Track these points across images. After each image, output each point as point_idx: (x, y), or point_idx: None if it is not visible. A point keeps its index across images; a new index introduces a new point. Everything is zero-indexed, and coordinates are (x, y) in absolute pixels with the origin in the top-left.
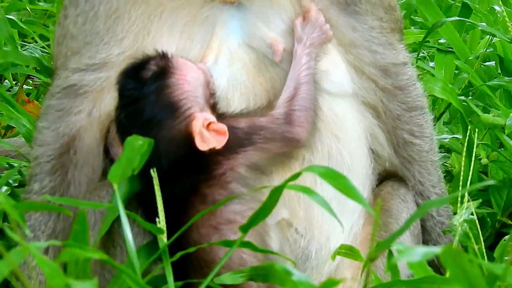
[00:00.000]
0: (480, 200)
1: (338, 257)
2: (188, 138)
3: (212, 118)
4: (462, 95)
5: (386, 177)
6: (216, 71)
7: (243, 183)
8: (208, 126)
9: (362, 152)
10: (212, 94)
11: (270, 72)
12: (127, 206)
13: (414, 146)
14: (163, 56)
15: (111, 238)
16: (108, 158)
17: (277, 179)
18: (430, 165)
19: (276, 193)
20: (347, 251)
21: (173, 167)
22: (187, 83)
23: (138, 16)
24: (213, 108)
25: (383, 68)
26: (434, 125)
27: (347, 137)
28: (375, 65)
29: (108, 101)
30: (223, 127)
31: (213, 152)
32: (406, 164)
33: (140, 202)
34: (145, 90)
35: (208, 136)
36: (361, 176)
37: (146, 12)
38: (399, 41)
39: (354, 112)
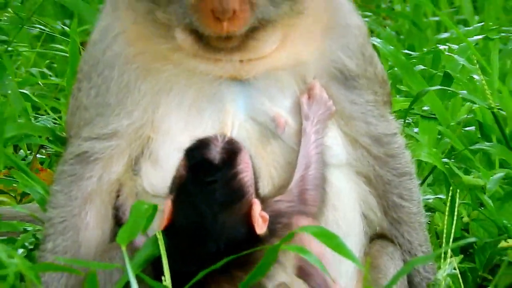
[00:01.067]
0: (462, 256)
1: None
2: (248, 222)
3: (260, 205)
4: (445, 158)
5: (375, 236)
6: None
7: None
8: (260, 213)
9: (356, 218)
10: (256, 176)
11: (272, 144)
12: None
13: (404, 208)
14: (226, 138)
15: None
16: (116, 221)
17: None
18: (418, 225)
19: (272, 252)
20: None
21: (223, 246)
22: (250, 170)
23: (148, 91)
24: (257, 189)
25: (376, 138)
26: (420, 187)
27: (342, 205)
28: (369, 135)
29: (117, 167)
30: (266, 214)
31: (256, 237)
32: (395, 225)
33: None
34: (219, 175)
35: (260, 223)
36: (354, 240)
37: (155, 87)
38: (390, 113)
39: (349, 181)
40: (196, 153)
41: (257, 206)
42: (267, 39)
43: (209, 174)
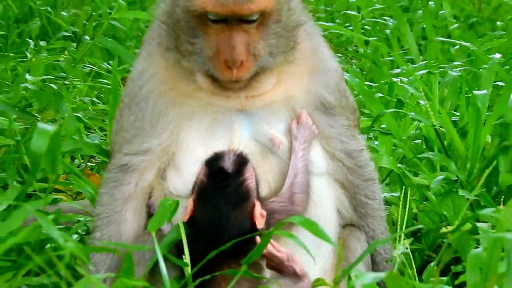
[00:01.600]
0: (412, 239)
1: None
2: (251, 218)
3: (260, 205)
4: (399, 164)
5: (346, 225)
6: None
7: None
8: (260, 213)
9: (332, 213)
10: (258, 182)
11: (269, 158)
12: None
13: (368, 205)
14: (237, 152)
15: (154, 271)
16: (148, 215)
17: None
18: (380, 218)
19: (266, 236)
20: (320, 282)
21: (233, 236)
22: (254, 178)
23: (174, 118)
24: (258, 192)
25: (348, 153)
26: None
27: (322, 204)
28: (343, 151)
29: (149, 176)
30: (264, 212)
31: (256, 230)
32: (362, 217)
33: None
34: (232, 181)
35: (261, 219)
36: (330, 229)
37: (180, 116)
38: (359, 133)
39: (327, 186)
40: (215, 163)
41: (258, 206)
42: (266, 81)
43: (225, 180)
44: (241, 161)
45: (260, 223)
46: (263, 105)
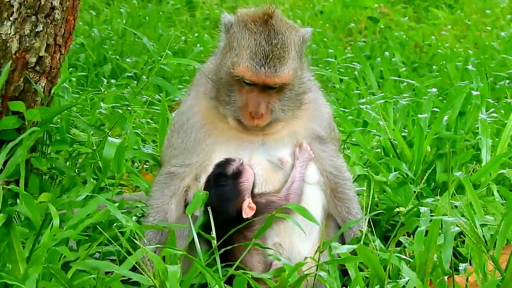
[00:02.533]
0: (374, 218)
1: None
2: (239, 209)
3: (251, 201)
4: (365, 167)
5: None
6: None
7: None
8: (248, 205)
9: (319, 210)
10: (254, 185)
11: (278, 173)
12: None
13: (345, 193)
14: (240, 162)
15: (191, 244)
16: (185, 205)
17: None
18: (354, 202)
19: (270, 219)
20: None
21: (228, 219)
22: (248, 181)
23: (209, 144)
24: (252, 191)
25: (335, 166)
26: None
27: (312, 203)
28: (332, 166)
29: (187, 181)
30: (254, 206)
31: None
32: (341, 212)
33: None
34: (228, 182)
35: (248, 211)
36: (318, 218)
37: (214, 142)
38: (340, 152)
39: (317, 191)
40: (219, 167)
41: (246, 202)
42: (277, 126)
43: (222, 181)
44: (240, 168)
45: (245, 213)
46: (274, 138)
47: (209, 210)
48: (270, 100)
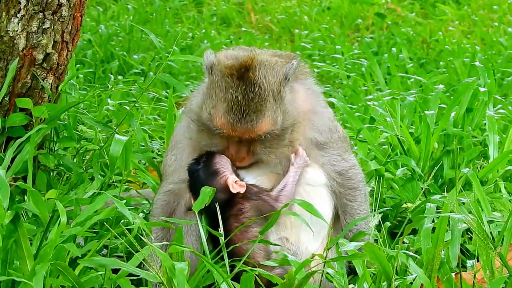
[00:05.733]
0: (382, 214)
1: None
2: (226, 187)
3: (236, 178)
4: (372, 163)
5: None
6: (252, 172)
7: (253, 214)
8: (235, 182)
9: (327, 210)
10: (236, 168)
11: (275, 176)
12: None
13: (348, 206)
14: (209, 153)
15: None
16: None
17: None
18: (360, 211)
19: (276, 214)
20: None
21: (221, 201)
22: (222, 162)
23: None
24: (238, 176)
25: (338, 172)
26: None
27: (321, 204)
28: (334, 171)
29: (186, 195)
30: (243, 183)
31: (239, 196)
32: (347, 213)
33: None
34: (201, 166)
35: (236, 186)
36: (327, 218)
37: None
38: (349, 153)
39: (325, 193)
40: (191, 163)
41: (230, 178)
42: (266, 159)
43: (196, 169)
44: (208, 154)
45: (234, 188)
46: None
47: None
48: (250, 146)
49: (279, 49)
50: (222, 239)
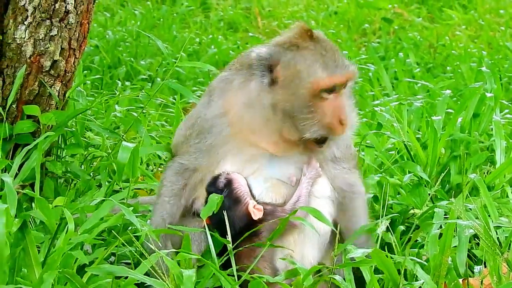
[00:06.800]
0: (390, 220)
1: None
2: (247, 214)
3: (255, 202)
4: (380, 170)
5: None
6: (259, 184)
7: (266, 235)
8: (254, 207)
9: (329, 218)
10: (250, 189)
11: (285, 189)
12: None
13: (354, 216)
14: (225, 173)
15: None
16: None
17: None
18: (361, 224)
19: (284, 221)
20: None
21: (241, 227)
22: (242, 186)
23: (223, 150)
24: (253, 196)
25: (346, 184)
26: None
27: (323, 213)
28: (344, 183)
29: (199, 177)
30: (260, 207)
31: (256, 221)
32: (349, 222)
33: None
34: (223, 194)
35: (256, 213)
36: (328, 230)
37: (227, 149)
38: (355, 168)
39: (327, 203)
40: (210, 186)
41: (251, 204)
42: None
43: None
44: (227, 178)
45: (254, 215)
46: (286, 155)
47: (223, 224)
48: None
49: None
50: (230, 246)
